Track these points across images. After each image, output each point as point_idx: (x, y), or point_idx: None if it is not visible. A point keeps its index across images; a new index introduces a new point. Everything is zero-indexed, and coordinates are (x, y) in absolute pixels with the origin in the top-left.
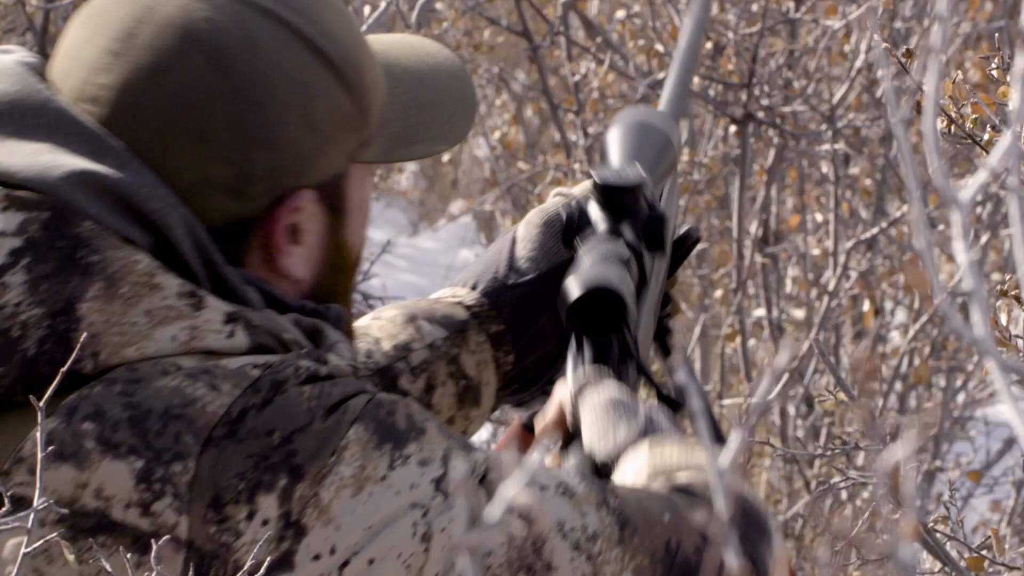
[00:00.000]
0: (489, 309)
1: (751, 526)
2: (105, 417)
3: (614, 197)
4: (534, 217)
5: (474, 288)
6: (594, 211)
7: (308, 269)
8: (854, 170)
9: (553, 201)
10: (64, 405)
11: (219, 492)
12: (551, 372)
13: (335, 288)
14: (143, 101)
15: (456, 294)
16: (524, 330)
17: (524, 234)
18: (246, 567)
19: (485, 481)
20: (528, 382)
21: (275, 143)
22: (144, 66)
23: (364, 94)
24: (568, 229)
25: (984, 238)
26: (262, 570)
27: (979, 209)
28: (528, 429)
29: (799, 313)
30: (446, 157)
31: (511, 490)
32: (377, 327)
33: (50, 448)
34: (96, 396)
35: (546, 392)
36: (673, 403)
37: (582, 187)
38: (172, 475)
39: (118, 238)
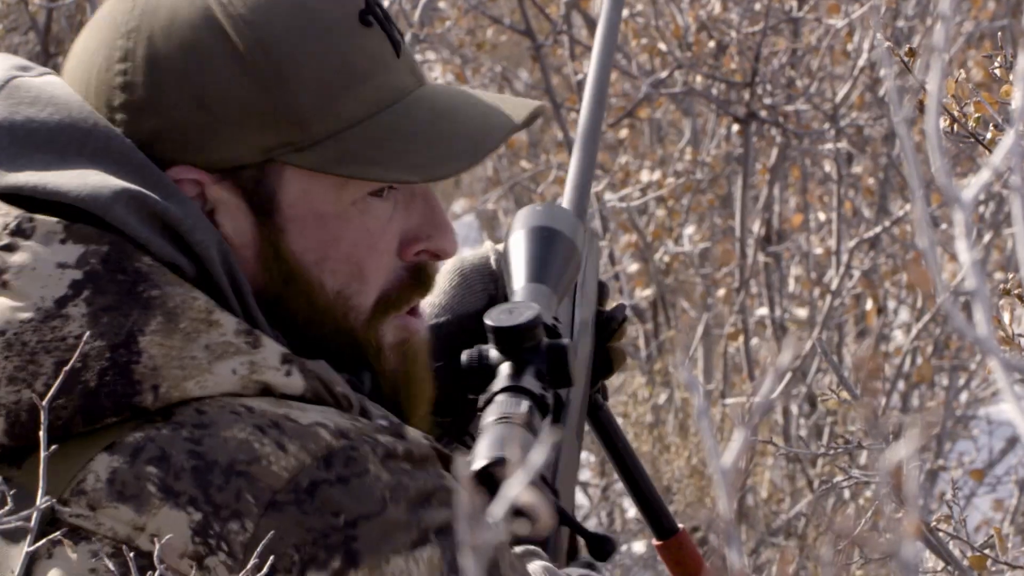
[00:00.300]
0: None
1: None
2: (170, 463)
3: (510, 339)
4: (448, 264)
5: None
6: (494, 352)
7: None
8: (857, 169)
9: (476, 251)
10: (129, 444)
11: (273, 558)
12: (463, 420)
13: (292, 300)
14: (73, 48)
15: None
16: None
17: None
18: None
19: None
20: (441, 428)
21: (158, 108)
22: (88, 24)
23: (286, 92)
24: (469, 372)
25: (987, 237)
26: None
27: (982, 208)
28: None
29: (802, 312)
30: None
31: (514, 490)
32: None
33: (105, 485)
34: (163, 439)
35: (463, 441)
36: (603, 543)
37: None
38: (228, 532)
39: (175, 275)
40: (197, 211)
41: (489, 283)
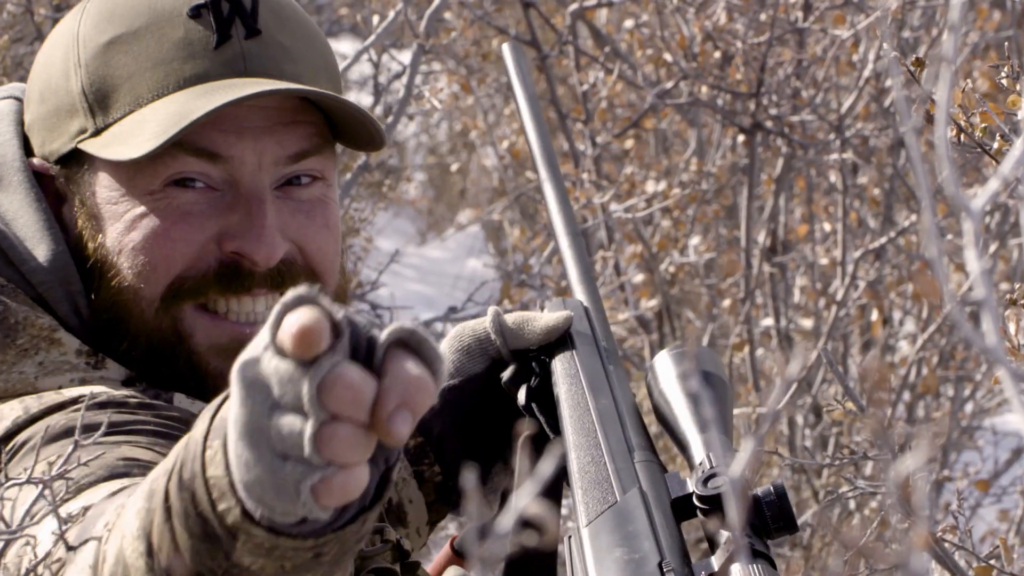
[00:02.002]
0: None
1: None
2: None
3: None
4: (453, 330)
5: None
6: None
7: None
8: (862, 180)
9: (479, 320)
10: None
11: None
12: (489, 482)
13: (103, 296)
14: None
15: None
16: (441, 442)
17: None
18: None
19: None
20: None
21: (28, 105)
22: None
23: (87, 78)
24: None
25: (993, 247)
26: None
27: (988, 218)
28: (457, 553)
29: (807, 323)
30: (454, 167)
31: (522, 500)
32: None
33: None
34: None
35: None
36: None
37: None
38: None
39: (31, 296)
40: (49, 258)
41: (489, 347)
